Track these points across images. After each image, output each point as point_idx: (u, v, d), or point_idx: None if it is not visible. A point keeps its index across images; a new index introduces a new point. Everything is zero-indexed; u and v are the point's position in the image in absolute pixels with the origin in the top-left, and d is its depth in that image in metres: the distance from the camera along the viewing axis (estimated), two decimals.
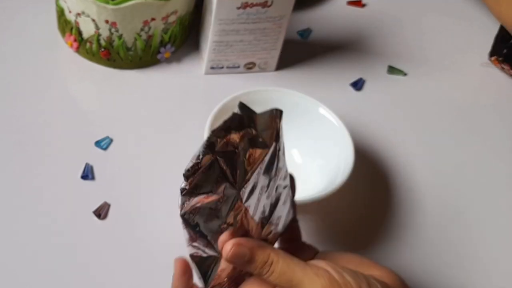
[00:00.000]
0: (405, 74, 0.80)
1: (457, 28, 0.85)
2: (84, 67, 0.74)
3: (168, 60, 0.75)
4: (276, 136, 0.45)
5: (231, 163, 0.44)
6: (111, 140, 0.68)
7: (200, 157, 0.44)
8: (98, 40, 0.71)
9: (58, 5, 0.73)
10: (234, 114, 0.45)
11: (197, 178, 0.45)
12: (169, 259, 0.61)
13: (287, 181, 0.48)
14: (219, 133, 0.44)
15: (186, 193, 0.45)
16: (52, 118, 0.69)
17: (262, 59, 0.75)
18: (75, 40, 0.73)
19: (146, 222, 0.63)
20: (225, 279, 0.47)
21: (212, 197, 0.45)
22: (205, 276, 0.46)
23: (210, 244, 0.46)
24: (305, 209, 0.65)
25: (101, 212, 0.62)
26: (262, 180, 0.45)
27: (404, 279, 0.48)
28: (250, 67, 0.76)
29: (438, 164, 0.72)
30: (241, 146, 0.44)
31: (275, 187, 0.46)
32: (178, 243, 0.52)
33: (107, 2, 0.67)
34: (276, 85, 0.73)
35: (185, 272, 0.47)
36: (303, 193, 0.64)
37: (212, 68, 0.74)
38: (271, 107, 0.46)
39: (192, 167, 0.44)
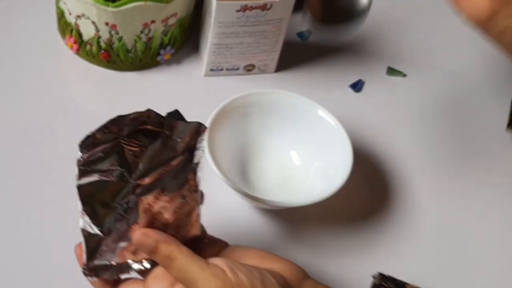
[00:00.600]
0: (404, 76, 0.80)
1: (457, 29, 0.85)
2: (84, 69, 0.74)
3: (168, 62, 0.76)
4: (189, 148, 0.48)
5: (134, 153, 0.47)
6: None
7: (97, 131, 0.47)
8: (98, 42, 0.71)
9: (58, 7, 0.73)
10: (153, 112, 0.48)
11: (95, 156, 0.47)
12: None
13: (196, 198, 0.50)
14: (131, 122, 0.48)
15: (82, 165, 0.47)
16: (51, 120, 0.69)
17: (262, 61, 0.75)
18: (75, 42, 0.73)
19: None
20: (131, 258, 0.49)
21: (107, 179, 0.47)
22: (90, 251, 0.48)
23: (99, 223, 0.47)
24: (304, 211, 0.65)
25: None
26: (167, 183, 0.48)
27: (306, 272, 0.50)
28: (249, 69, 0.76)
29: (437, 165, 0.72)
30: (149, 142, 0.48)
31: (180, 195, 0.48)
32: None
33: (107, 5, 0.67)
34: (275, 87, 0.73)
35: None
36: (301, 195, 0.64)
37: (211, 70, 0.74)
38: (198, 120, 0.49)
39: (87, 138, 0.47)
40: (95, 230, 0.48)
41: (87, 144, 0.48)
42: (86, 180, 0.47)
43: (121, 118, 0.48)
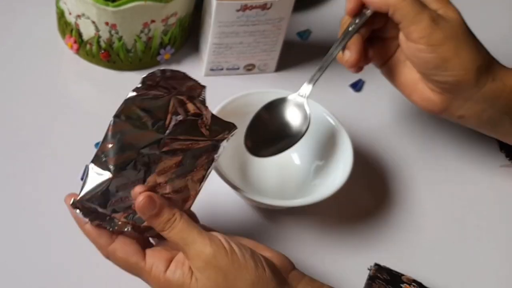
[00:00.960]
0: None
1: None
2: (84, 69, 0.74)
3: (168, 62, 0.76)
4: (217, 141, 0.52)
5: (175, 114, 0.52)
6: None
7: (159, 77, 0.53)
8: (98, 42, 0.71)
9: (58, 7, 0.73)
10: (203, 91, 0.55)
11: (147, 95, 0.52)
12: None
13: (197, 189, 0.52)
14: (187, 89, 0.53)
15: (136, 94, 0.52)
16: (51, 120, 0.69)
17: (262, 60, 0.75)
18: (75, 42, 0.73)
19: None
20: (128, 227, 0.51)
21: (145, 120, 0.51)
22: (90, 190, 0.50)
23: (115, 162, 0.50)
24: (304, 211, 0.65)
25: None
26: (186, 158, 0.51)
27: (294, 264, 0.53)
28: (249, 68, 0.76)
29: (437, 165, 0.72)
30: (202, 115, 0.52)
31: (188, 178, 0.51)
32: None
33: (107, 4, 0.67)
34: (275, 87, 0.73)
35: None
36: (302, 195, 0.64)
37: (211, 69, 0.74)
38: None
39: (151, 75, 0.53)
40: (103, 172, 0.50)
41: (147, 83, 0.52)
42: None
43: (184, 79, 0.53)
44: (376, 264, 0.62)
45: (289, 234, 0.65)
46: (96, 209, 0.50)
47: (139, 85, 0.53)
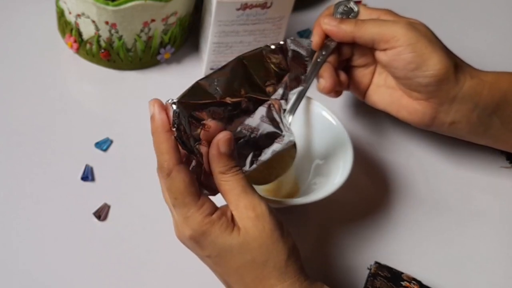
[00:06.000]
0: None
1: (457, 26, 0.85)
2: (84, 68, 0.74)
3: (168, 61, 0.76)
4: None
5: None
6: (111, 141, 0.68)
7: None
8: (98, 41, 0.71)
9: (58, 6, 0.73)
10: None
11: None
12: (170, 260, 0.61)
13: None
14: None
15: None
16: (51, 119, 0.69)
17: None
18: (75, 41, 0.73)
19: (146, 223, 0.63)
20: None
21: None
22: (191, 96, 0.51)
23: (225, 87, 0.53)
24: (305, 209, 0.65)
25: (101, 214, 0.63)
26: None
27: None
28: None
29: (437, 164, 0.72)
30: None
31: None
32: (178, 244, 0.52)
33: (107, 4, 0.67)
34: None
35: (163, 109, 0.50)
36: (302, 194, 0.64)
37: (212, 69, 0.74)
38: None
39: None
40: (217, 90, 0.52)
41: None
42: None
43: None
44: (376, 262, 0.62)
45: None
46: (186, 120, 0.50)
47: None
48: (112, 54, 0.72)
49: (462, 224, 0.68)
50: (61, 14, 0.73)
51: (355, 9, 0.66)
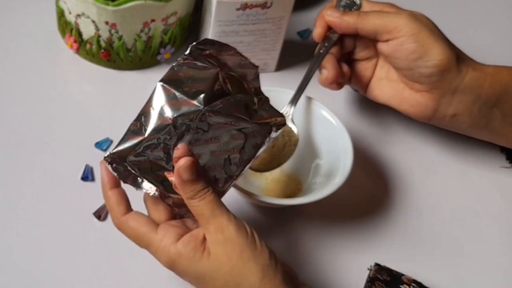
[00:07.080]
0: None
1: (457, 26, 0.85)
2: (84, 68, 0.74)
3: (168, 61, 0.75)
4: (264, 126, 0.53)
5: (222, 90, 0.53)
6: (111, 141, 0.68)
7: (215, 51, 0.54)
8: (98, 41, 0.71)
9: (58, 6, 0.73)
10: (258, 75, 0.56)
11: (191, 65, 0.52)
12: None
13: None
14: (237, 66, 0.54)
15: (182, 61, 0.53)
16: (52, 119, 0.69)
17: (262, 60, 0.75)
18: (75, 41, 0.73)
19: None
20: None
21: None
22: (125, 147, 0.52)
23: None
24: (304, 209, 0.65)
25: (101, 214, 0.63)
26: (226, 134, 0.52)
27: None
28: None
29: (437, 165, 0.72)
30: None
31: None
32: None
33: (107, 4, 0.67)
34: (276, 86, 0.72)
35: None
36: (302, 193, 0.64)
37: None
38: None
39: (203, 43, 0.54)
40: (144, 129, 0.52)
41: (196, 52, 0.53)
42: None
43: (234, 55, 0.54)
44: (376, 264, 0.62)
45: (289, 233, 0.65)
46: (127, 167, 0.51)
47: (187, 53, 0.54)
48: (112, 54, 0.72)
49: (462, 224, 0.68)
50: (61, 14, 0.73)
51: (358, 2, 0.66)
